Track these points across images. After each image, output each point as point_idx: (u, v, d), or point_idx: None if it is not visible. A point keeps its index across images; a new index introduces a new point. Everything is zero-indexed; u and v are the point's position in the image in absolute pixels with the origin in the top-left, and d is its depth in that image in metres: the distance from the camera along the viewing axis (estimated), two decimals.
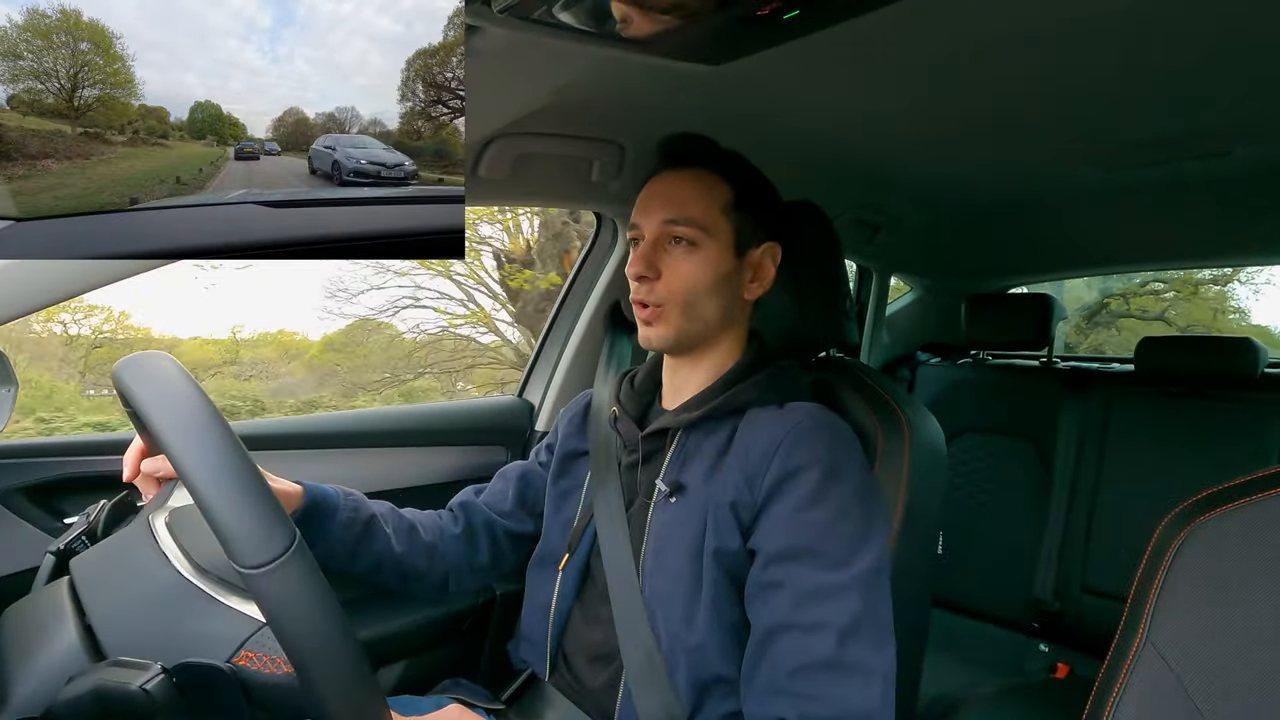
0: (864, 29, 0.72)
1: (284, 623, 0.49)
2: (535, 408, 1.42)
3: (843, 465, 0.73)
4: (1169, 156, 1.31)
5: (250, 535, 0.49)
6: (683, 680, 0.73)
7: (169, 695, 0.50)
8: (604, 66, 0.75)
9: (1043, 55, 0.90)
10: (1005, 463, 1.88)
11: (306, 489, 0.83)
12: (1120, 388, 1.78)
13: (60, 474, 0.93)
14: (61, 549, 0.69)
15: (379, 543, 0.87)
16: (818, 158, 1.34)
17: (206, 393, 0.55)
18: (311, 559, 0.51)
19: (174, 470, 0.51)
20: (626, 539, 0.81)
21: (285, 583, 0.49)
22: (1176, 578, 0.64)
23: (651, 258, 0.80)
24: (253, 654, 0.57)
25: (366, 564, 0.87)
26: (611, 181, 1.18)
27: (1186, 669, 0.61)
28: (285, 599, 0.49)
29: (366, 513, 0.87)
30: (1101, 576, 1.68)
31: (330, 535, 0.83)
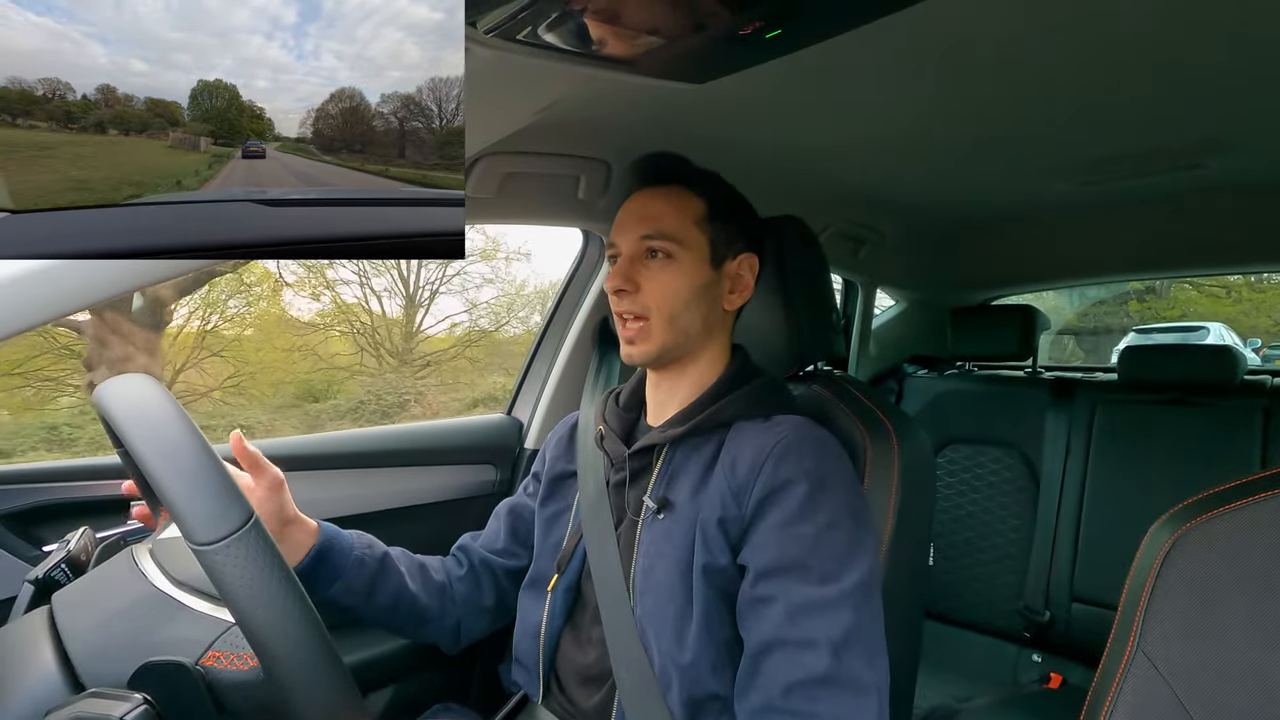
0: (845, 47, 0.73)
1: (240, 600, 0.48)
2: (524, 425, 1.41)
3: (831, 478, 0.73)
4: (1142, 170, 1.34)
5: (204, 512, 0.49)
6: (676, 699, 0.73)
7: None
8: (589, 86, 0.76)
9: (1020, 73, 0.92)
10: (993, 472, 1.90)
11: (321, 527, 0.83)
12: (1104, 395, 1.80)
13: (38, 501, 0.91)
14: (40, 577, 0.67)
15: (394, 580, 0.87)
16: (801, 173, 1.36)
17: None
18: (269, 538, 0.51)
19: (135, 458, 0.52)
20: (617, 558, 0.81)
21: (240, 558, 0.48)
22: (1166, 584, 0.64)
23: (629, 272, 0.81)
24: (220, 653, 0.56)
25: (383, 602, 0.86)
26: (598, 199, 1.19)
27: (1179, 676, 0.61)
28: (240, 575, 0.48)
29: (380, 551, 0.87)
30: (1091, 585, 1.69)
31: (346, 572, 0.83)
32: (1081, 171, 1.38)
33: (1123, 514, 1.68)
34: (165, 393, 0.55)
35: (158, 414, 0.53)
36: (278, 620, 0.49)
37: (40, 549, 0.89)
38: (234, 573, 0.48)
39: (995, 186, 1.53)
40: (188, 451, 0.51)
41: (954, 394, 2.03)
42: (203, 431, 0.53)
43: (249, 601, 0.48)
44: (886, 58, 0.87)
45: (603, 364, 1.29)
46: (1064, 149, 1.25)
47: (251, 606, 0.48)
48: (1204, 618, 0.62)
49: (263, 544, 0.50)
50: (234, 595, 0.48)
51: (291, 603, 0.50)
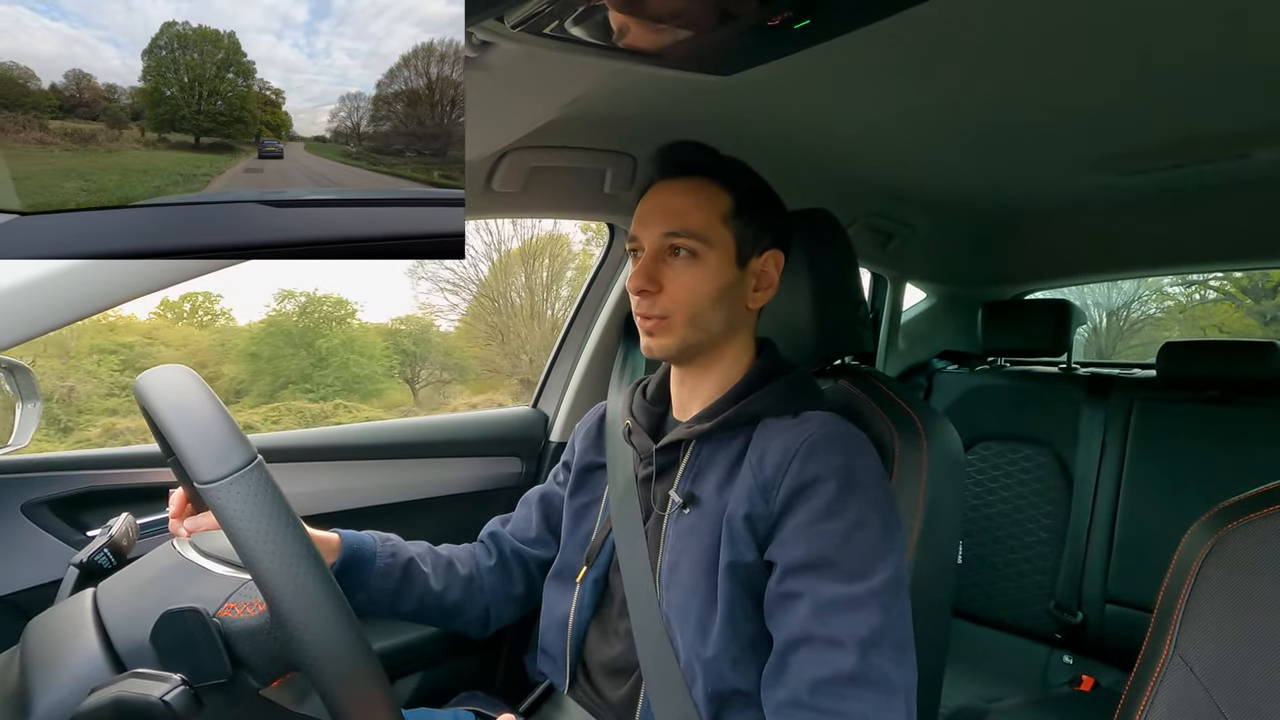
0: (875, 37, 0.72)
1: (242, 535, 0.50)
2: (550, 418, 1.42)
3: (859, 475, 0.72)
4: (1186, 160, 1.30)
5: (209, 451, 0.51)
6: (701, 693, 0.73)
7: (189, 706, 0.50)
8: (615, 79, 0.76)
9: (1054, 61, 0.89)
10: (1025, 470, 1.86)
11: (343, 539, 0.83)
12: (1141, 392, 1.75)
13: (82, 487, 0.94)
14: (85, 561, 0.70)
15: (419, 584, 0.87)
16: (829, 164, 1.34)
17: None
18: (271, 479, 0.53)
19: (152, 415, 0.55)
20: (645, 552, 0.81)
21: (242, 495, 0.50)
22: (1204, 587, 0.63)
23: (652, 271, 0.78)
24: (235, 604, 0.58)
25: (410, 606, 0.87)
26: (623, 193, 1.18)
27: (1216, 681, 0.59)
28: (243, 511, 0.50)
29: (404, 556, 0.87)
30: (1125, 586, 1.65)
31: (370, 583, 0.84)
32: (1121, 162, 1.34)
33: (1160, 514, 1.64)
34: (190, 372, 0.59)
35: (176, 379, 0.57)
36: (280, 557, 0.50)
37: (84, 533, 0.93)
38: (237, 509, 0.50)
39: (1031, 178, 1.49)
40: (196, 401, 0.54)
41: (985, 390, 2.00)
42: None
43: (251, 537, 0.50)
44: (918, 47, 0.86)
45: (628, 357, 1.29)
46: (1103, 138, 1.21)
47: (253, 542, 0.50)
48: (1245, 622, 0.60)
49: (265, 484, 0.52)
50: (236, 531, 0.50)
51: (294, 540, 0.51)
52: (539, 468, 1.39)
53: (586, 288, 1.43)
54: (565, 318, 1.47)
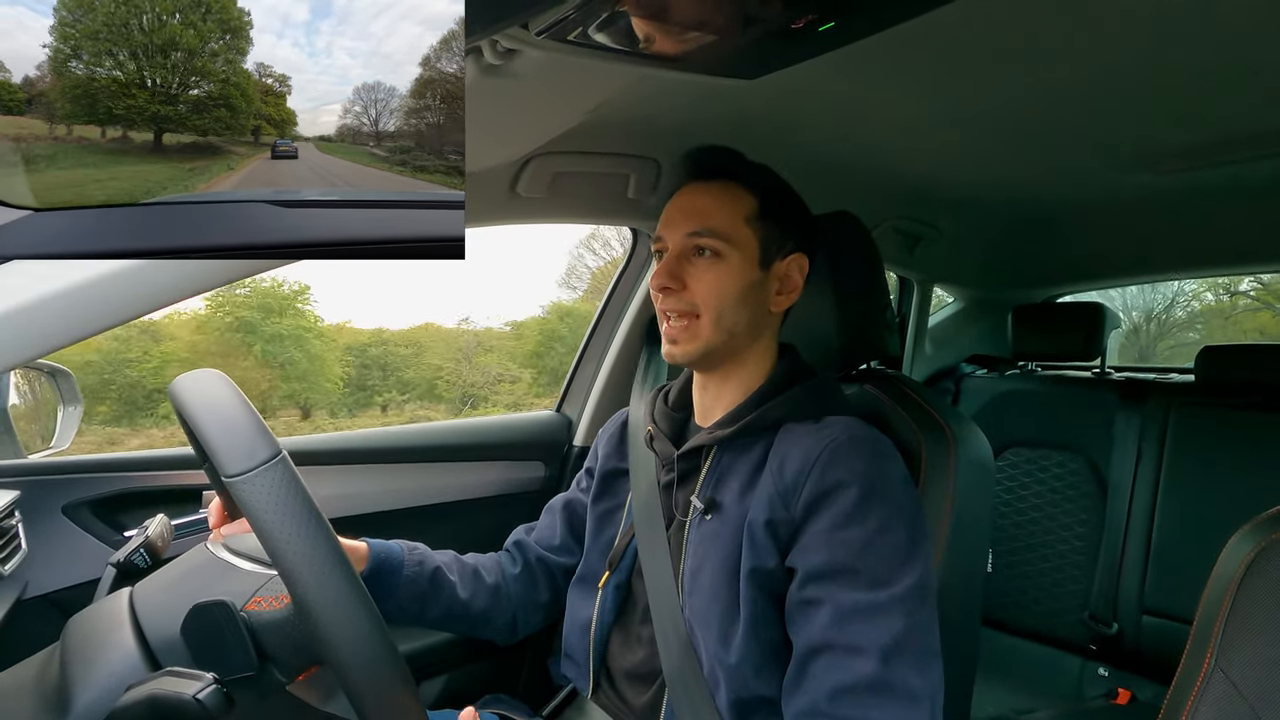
0: (899, 38, 0.71)
1: (267, 527, 0.51)
2: (573, 422, 1.43)
3: (883, 481, 0.71)
4: (1222, 158, 1.26)
5: (235, 445, 0.53)
6: (724, 700, 0.72)
7: (220, 704, 0.51)
8: (639, 84, 0.76)
9: (1084, 57, 0.88)
10: (1057, 477, 1.82)
11: (371, 547, 0.85)
12: (1179, 398, 1.70)
13: (120, 489, 0.97)
14: (121, 561, 0.72)
15: (446, 592, 0.88)
16: (854, 167, 1.33)
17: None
18: (296, 474, 0.54)
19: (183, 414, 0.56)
20: (668, 558, 0.81)
21: (267, 488, 0.52)
22: (1246, 598, 0.60)
23: (675, 269, 0.79)
24: (261, 598, 0.60)
25: (437, 614, 0.88)
26: (647, 197, 1.19)
27: (1260, 696, 0.57)
28: (268, 504, 0.51)
29: (431, 565, 0.88)
30: (1163, 597, 1.60)
31: (398, 591, 0.85)
32: (1156, 162, 1.30)
33: (1199, 523, 1.59)
34: (221, 375, 0.60)
35: (207, 381, 0.59)
36: (304, 549, 0.52)
37: (121, 534, 0.95)
38: (261, 501, 0.51)
39: (1063, 178, 1.46)
40: (224, 400, 0.56)
41: (1015, 395, 1.96)
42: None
43: (276, 529, 0.51)
44: (945, 48, 0.85)
45: (651, 362, 1.29)
46: (1137, 137, 1.18)
47: (277, 534, 0.51)
48: None
49: (290, 478, 0.53)
50: (261, 523, 0.51)
51: (317, 533, 0.52)
52: (562, 472, 1.40)
53: (610, 293, 1.43)
54: None
